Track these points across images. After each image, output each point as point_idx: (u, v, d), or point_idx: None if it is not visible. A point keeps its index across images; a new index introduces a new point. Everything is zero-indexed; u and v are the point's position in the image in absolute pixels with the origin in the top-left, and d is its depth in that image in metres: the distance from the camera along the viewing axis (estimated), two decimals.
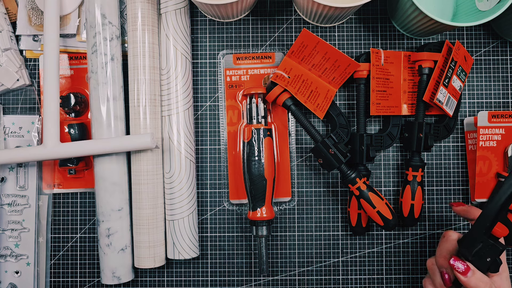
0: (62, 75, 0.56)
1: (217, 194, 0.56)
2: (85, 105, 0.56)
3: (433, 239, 0.56)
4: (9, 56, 0.54)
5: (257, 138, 0.52)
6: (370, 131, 0.56)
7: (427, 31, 0.53)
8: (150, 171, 0.52)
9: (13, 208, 0.55)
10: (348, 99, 0.57)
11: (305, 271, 0.56)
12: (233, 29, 0.57)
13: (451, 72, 0.52)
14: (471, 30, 0.57)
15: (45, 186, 0.56)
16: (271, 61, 0.56)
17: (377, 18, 0.57)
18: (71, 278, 0.56)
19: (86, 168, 0.56)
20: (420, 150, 0.53)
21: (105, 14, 0.51)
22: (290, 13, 0.57)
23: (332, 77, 0.53)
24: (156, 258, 0.52)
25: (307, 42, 0.51)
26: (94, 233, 0.56)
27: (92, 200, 0.56)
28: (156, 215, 0.52)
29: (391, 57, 0.54)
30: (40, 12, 0.55)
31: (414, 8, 0.48)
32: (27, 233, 0.55)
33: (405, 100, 0.55)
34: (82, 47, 0.56)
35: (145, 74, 0.51)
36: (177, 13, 0.53)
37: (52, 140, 0.50)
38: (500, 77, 0.57)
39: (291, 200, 0.56)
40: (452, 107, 0.53)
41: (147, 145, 0.49)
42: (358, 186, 0.50)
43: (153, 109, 0.52)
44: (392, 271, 0.56)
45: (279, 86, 0.52)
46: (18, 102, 0.57)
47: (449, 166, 0.56)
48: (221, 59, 0.56)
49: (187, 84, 0.53)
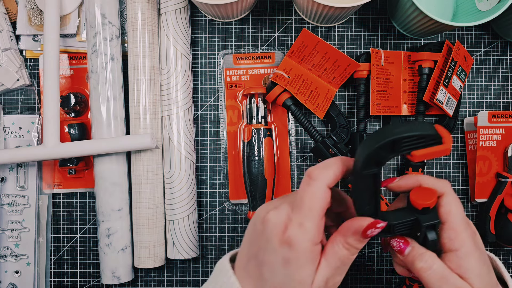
0: (62, 75, 0.56)
1: (217, 194, 0.56)
2: (85, 105, 0.56)
3: None
4: (9, 56, 0.54)
5: (257, 138, 0.52)
6: (370, 131, 0.56)
7: (427, 31, 0.53)
8: (150, 171, 0.52)
9: (13, 208, 0.55)
10: (348, 99, 0.57)
11: None
12: (233, 29, 0.57)
13: (451, 72, 0.52)
14: (471, 30, 0.57)
15: (45, 186, 0.56)
16: (271, 61, 0.56)
17: (377, 18, 0.57)
18: (71, 278, 0.56)
19: (86, 168, 0.56)
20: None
21: (105, 14, 0.51)
22: (290, 13, 0.57)
23: (332, 77, 0.53)
24: (156, 258, 0.52)
25: (307, 42, 0.51)
26: (94, 233, 0.56)
27: (92, 200, 0.56)
28: (156, 215, 0.52)
29: (391, 57, 0.54)
30: (40, 12, 0.55)
31: (414, 8, 0.48)
32: (27, 233, 0.55)
33: (405, 100, 0.55)
34: (82, 47, 0.56)
35: (145, 74, 0.51)
36: (177, 13, 0.53)
37: (52, 140, 0.50)
38: (500, 77, 0.57)
39: None
40: (452, 107, 0.53)
41: (147, 145, 0.49)
42: None
43: (153, 109, 0.52)
44: (392, 271, 0.56)
45: (279, 86, 0.52)
46: (18, 102, 0.57)
47: (449, 166, 0.56)
48: (221, 59, 0.56)
49: (187, 84, 0.53)
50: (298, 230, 0.32)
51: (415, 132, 0.30)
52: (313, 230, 0.32)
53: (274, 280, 0.33)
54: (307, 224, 0.32)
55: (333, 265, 0.33)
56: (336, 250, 0.33)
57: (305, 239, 0.32)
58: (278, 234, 0.33)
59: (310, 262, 0.33)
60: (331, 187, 0.34)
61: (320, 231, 0.33)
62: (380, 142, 0.30)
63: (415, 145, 0.30)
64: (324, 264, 0.33)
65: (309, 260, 0.33)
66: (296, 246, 0.32)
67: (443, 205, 0.35)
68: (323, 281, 0.33)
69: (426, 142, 0.30)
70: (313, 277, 0.33)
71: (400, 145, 0.30)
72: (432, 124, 0.31)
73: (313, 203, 0.33)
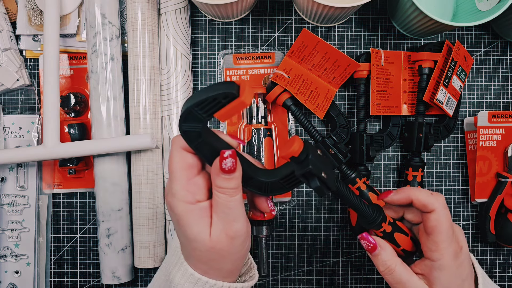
0: (62, 75, 0.56)
1: None
2: (85, 105, 0.56)
3: None
4: (9, 56, 0.54)
5: (257, 138, 0.52)
6: (370, 131, 0.56)
7: (427, 31, 0.53)
8: (150, 171, 0.52)
9: (13, 208, 0.55)
10: (348, 99, 0.57)
11: (305, 271, 0.56)
12: (233, 29, 0.57)
13: (451, 72, 0.52)
14: (471, 30, 0.57)
15: (45, 186, 0.56)
16: (271, 61, 0.56)
17: (377, 18, 0.57)
18: (71, 278, 0.56)
19: (86, 168, 0.56)
20: (420, 150, 0.53)
21: (105, 14, 0.51)
22: (290, 13, 0.57)
23: (332, 77, 0.53)
24: (156, 258, 0.52)
25: (307, 42, 0.51)
26: (94, 233, 0.56)
27: (92, 200, 0.56)
28: (156, 215, 0.52)
29: (391, 57, 0.54)
30: (40, 12, 0.55)
31: (414, 8, 0.48)
32: (27, 233, 0.55)
33: (405, 100, 0.55)
34: (82, 47, 0.56)
35: (145, 74, 0.51)
36: (177, 13, 0.53)
37: (52, 140, 0.50)
38: (500, 77, 0.57)
39: (291, 200, 0.56)
40: (452, 107, 0.53)
41: (147, 145, 0.49)
42: (358, 186, 0.51)
43: (153, 109, 0.52)
44: None
45: (279, 86, 0.52)
46: (18, 102, 0.56)
47: (449, 166, 0.56)
48: (221, 59, 0.56)
49: (187, 84, 0.53)
50: (170, 195, 0.35)
51: (208, 95, 0.31)
52: (180, 191, 0.35)
53: (181, 241, 0.37)
54: (174, 187, 0.35)
55: (220, 214, 0.35)
56: (216, 198, 0.35)
57: (177, 200, 0.35)
58: (166, 202, 0.37)
59: (197, 219, 0.35)
60: (190, 150, 0.35)
61: (190, 190, 0.35)
62: (182, 111, 0.33)
63: (216, 107, 0.32)
64: (214, 216, 0.35)
65: (193, 217, 0.35)
66: (174, 209, 0.35)
67: (431, 220, 0.38)
68: (220, 232, 0.35)
69: (225, 101, 0.31)
70: (208, 232, 0.35)
71: (202, 110, 0.32)
72: (230, 82, 0.32)
73: (172, 167, 0.35)
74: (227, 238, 0.35)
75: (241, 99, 0.31)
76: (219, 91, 0.31)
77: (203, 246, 0.35)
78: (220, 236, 0.35)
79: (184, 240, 0.36)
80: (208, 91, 0.31)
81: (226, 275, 0.37)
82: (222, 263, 0.36)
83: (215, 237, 0.35)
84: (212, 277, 0.36)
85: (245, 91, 0.31)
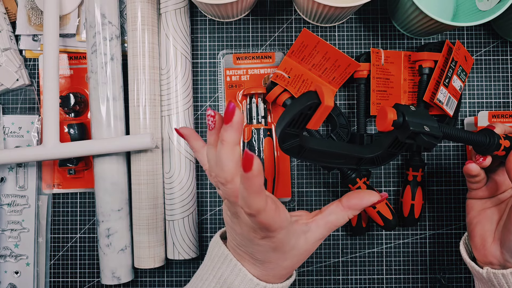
0: (62, 75, 0.56)
1: (217, 194, 0.56)
2: (84, 105, 0.56)
3: (434, 239, 0.56)
4: (8, 56, 0.54)
5: (257, 138, 0.52)
6: (370, 131, 0.56)
7: (427, 31, 0.53)
8: (149, 171, 0.52)
9: (13, 208, 0.55)
10: (348, 99, 0.57)
11: (305, 271, 0.56)
12: (233, 29, 0.57)
13: (451, 72, 0.52)
14: (471, 30, 0.57)
15: (44, 186, 0.56)
16: (271, 61, 0.56)
17: (377, 18, 0.57)
18: (71, 278, 0.56)
19: (86, 168, 0.56)
20: (420, 150, 0.53)
21: (105, 14, 0.51)
22: (290, 13, 0.57)
23: (332, 77, 0.53)
24: (156, 258, 0.52)
25: (307, 42, 0.51)
26: (94, 233, 0.56)
27: (92, 200, 0.56)
28: (156, 215, 0.52)
29: (391, 57, 0.54)
30: (40, 12, 0.55)
31: (414, 8, 0.48)
32: (27, 233, 0.55)
33: (405, 100, 0.55)
34: (81, 47, 0.56)
35: (145, 74, 0.51)
36: (177, 13, 0.53)
37: (52, 140, 0.50)
38: (500, 77, 0.57)
39: (291, 200, 0.56)
40: (452, 107, 0.53)
41: (147, 145, 0.49)
42: (359, 186, 0.50)
43: (153, 109, 0.52)
44: (392, 271, 0.56)
45: (279, 86, 0.52)
46: (18, 102, 0.56)
47: (449, 166, 0.56)
48: (221, 59, 0.56)
49: (187, 84, 0.53)
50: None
51: (294, 112, 0.33)
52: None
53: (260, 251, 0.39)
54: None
55: (224, 208, 0.38)
56: (220, 192, 0.38)
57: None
58: None
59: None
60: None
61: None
62: (277, 135, 0.36)
63: (305, 120, 0.34)
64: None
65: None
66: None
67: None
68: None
69: (310, 112, 0.33)
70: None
71: (294, 127, 0.34)
72: (309, 92, 0.33)
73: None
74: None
75: (324, 104, 0.32)
76: (302, 105, 0.33)
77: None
78: (227, 218, 0.38)
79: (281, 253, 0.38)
80: (293, 108, 0.33)
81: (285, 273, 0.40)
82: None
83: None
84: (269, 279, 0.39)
85: (324, 94, 0.32)
